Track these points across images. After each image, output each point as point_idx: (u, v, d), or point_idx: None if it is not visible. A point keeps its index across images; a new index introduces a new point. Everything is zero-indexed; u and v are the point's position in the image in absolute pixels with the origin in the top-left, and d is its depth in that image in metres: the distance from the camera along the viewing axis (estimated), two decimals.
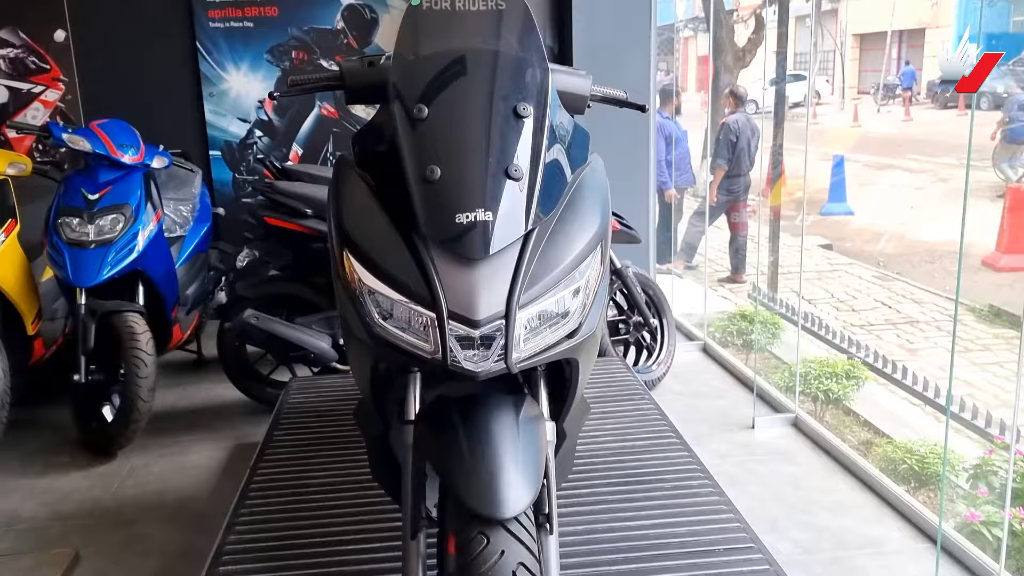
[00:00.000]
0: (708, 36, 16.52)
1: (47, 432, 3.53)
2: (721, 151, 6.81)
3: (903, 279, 7.35)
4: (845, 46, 27.49)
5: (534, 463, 1.40)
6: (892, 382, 4.15)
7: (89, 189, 3.34)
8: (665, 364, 3.69)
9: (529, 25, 1.63)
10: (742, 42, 12.91)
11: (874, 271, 7.71)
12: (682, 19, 11.79)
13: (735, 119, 6.95)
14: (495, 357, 1.38)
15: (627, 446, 2.55)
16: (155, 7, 4.78)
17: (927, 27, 26.32)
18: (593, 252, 1.51)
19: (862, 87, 27.58)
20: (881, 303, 6.65)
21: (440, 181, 1.42)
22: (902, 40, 27.50)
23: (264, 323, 3.32)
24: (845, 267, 7.84)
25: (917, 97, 23.25)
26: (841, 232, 9.51)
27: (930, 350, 5.54)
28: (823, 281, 7.27)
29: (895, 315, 6.31)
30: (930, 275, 7.65)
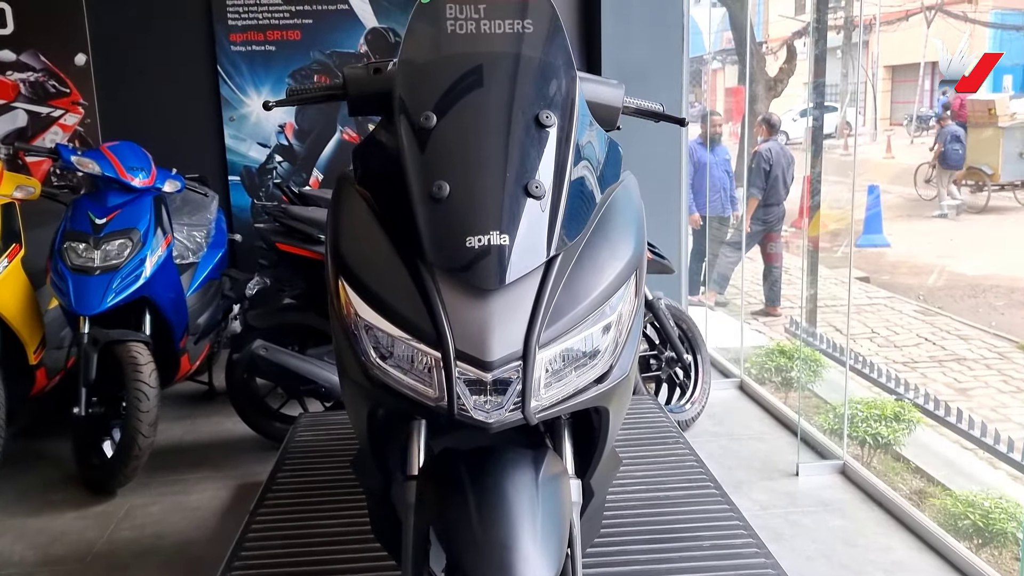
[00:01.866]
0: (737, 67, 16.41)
1: (46, 468, 3.37)
2: (754, 180, 6.61)
3: (946, 314, 7.04)
4: (876, 77, 27.18)
5: (556, 531, 1.18)
6: (945, 425, 3.86)
7: (97, 213, 3.21)
8: (700, 403, 3.46)
9: (555, 26, 1.43)
10: (773, 72, 12.77)
11: (915, 305, 7.40)
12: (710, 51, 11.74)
13: (767, 147, 6.75)
14: (510, 406, 1.17)
15: (660, 497, 2.31)
16: (177, 31, 4.69)
17: None
18: (626, 283, 1.29)
19: (894, 119, 27.22)
20: (924, 339, 6.35)
21: (449, 199, 1.22)
22: (935, 72, 27.17)
23: (273, 354, 3.16)
24: (884, 301, 7.54)
25: None
26: (877, 265, 9.23)
27: (980, 390, 5.23)
28: (862, 315, 6.97)
29: (940, 352, 6.01)
30: (974, 310, 7.34)
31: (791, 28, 15.51)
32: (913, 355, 5.95)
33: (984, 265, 8.71)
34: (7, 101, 4.67)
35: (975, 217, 11.07)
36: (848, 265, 3.74)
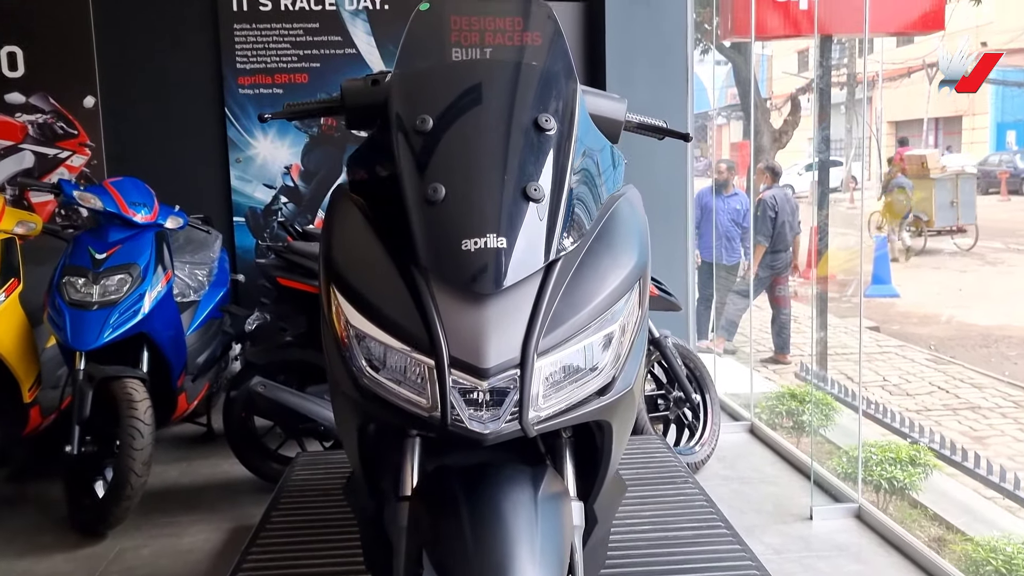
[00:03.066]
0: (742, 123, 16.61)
1: (36, 510, 3.27)
2: (760, 227, 6.59)
3: (959, 363, 6.93)
4: (880, 133, 27.43)
5: (556, 551, 1.10)
6: (961, 470, 3.74)
7: (97, 248, 3.18)
8: (709, 445, 3.36)
9: (556, 33, 1.40)
10: (778, 124, 12.89)
11: (927, 354, 7.30)
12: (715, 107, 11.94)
13: (771, 195, 6.76)
14: (507, 416, 1.11)
15: (669, 537, 2.21)
16: (186, 74, 4.74)
17: (963, 114, 26.24)
18: (629, 292, 1.23)
19: None
20: (937, 387, 6.23)
21: (444, 202, 1.18)
22: (938, 127, 27.39)
23: (272, 392, 3.08)
24: (895, 349, 7.44)
25: None
26: (887, 314, 9.15)
27: (997, 438, 5.10)
28: (873, 363, 6.87)
29: (954, 400, 5.89)
30: (986, 359, 7.23)
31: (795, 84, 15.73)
32: (926, 403, 5.84)
33: (996, 315, 8.64)
34: (15, 142, 4.69)
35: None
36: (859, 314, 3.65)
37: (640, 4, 4.38)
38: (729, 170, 7.15)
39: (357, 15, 4.72)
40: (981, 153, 24.23)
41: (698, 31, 8.60)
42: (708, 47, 10.47)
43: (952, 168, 12.95)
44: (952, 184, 12.03)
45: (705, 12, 7.84)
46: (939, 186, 12.05)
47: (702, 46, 10.22)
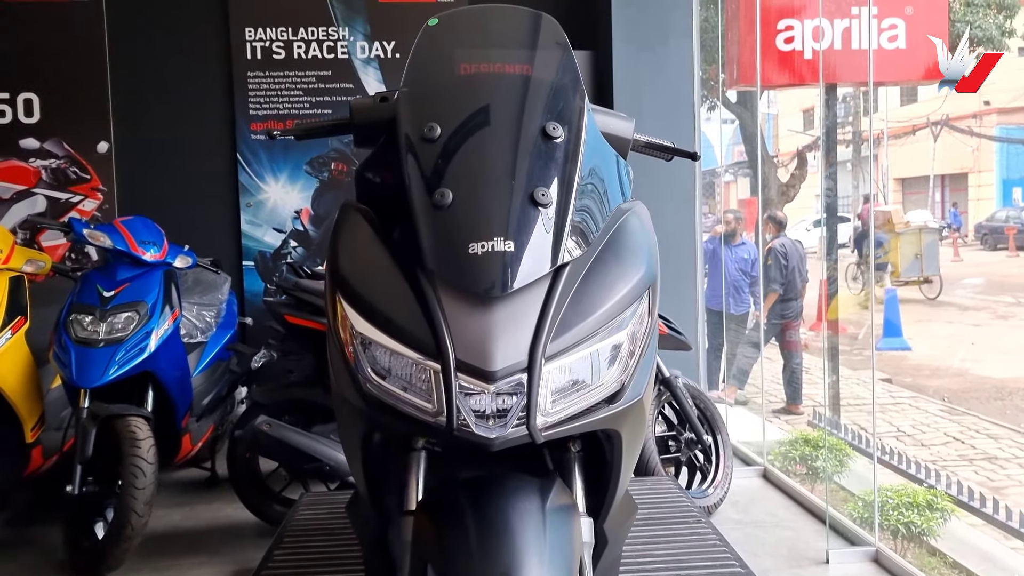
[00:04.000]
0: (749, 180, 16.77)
1: (36, 553, 3.20)
2: (773, 275, 6.59)
3: (973, 413, 6.83)
4: (887, 189, 27.60)
5: (565, 564, 1.06)
6: (980, 516, 3.65)
7: (105, 286, 3.18)
8: (722, 488, 3.28)
9: (563, 45, 1.40)
10: (785, 178, 13.00)
11: (940, 405, 7.20)
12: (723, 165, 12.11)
13: (780, 243, 6.79)
14: (514, 422, 1.08)
15: (683, 575, 2.14)
16: (199, 119, 4.81)
17: (969, 171, 26.42)
18: (639, 299, 1.22)
19: None
20: (952, 438, 6.12)
21: (452, 207, 1.17)
22: (944, 184, 27.56)
23: (277, 431, 3.03)
24: (909, 400, 7.34)
25: (964, 239, 23.11)
26: (899, 367, 9.07)
27: (1015, 488, 4.99)
28: (886, 414, 6.77)
29: (970, 451, 5.78)
30: (1001, 412, 7.13)
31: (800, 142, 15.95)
32: (941, 454, 5.73)
33: (1009, 368, 8.57)
34: (28, 187, 4.74)
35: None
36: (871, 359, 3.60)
37: (647, 51, 4.44)
38: (736, 220, 7.18)
39: (369, 63, 4.80)
40: (988, 209, 24.33)
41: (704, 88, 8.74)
42: (715, 103, 10.62)
43: (915, 223, 13.72)
44: (916, 238, 12.80)
45: (711, 69, 7.97)
46: (904, 240, 12.80)
47: (708, 103, 10.38)
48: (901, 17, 5.34)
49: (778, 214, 7.33)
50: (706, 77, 8.30)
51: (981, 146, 25.69)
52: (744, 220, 7.77)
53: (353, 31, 4.79)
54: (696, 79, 4.58)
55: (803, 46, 5.42)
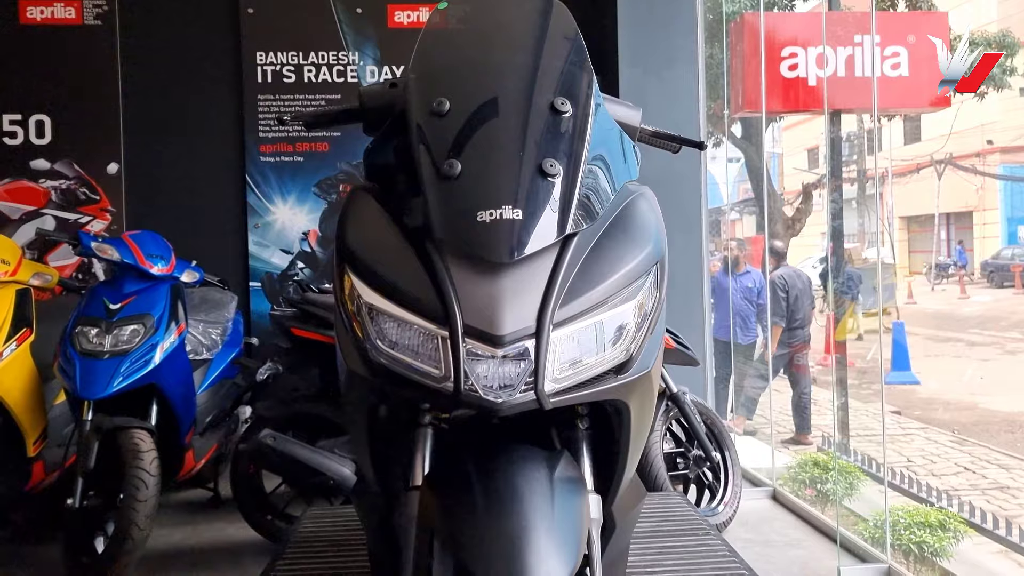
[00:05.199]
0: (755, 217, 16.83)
1: (35, 570, 3.16)
2: (775, 308, 6.56)
3: (984, 444, 6.76)
4: (892, 227, 27.68)
5: (572, 534, 1.04)
6: (994, 539, 3.59)
7: (112, 299, 3.17)
8: (731, 506, 3.23)
9: (572, 29, 1.42)
10: (791, 213, 13.05)
11: (950, 436, 7.13)
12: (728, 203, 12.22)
13: (780, 274, 6.77)
14: (522, 386, 1.07)
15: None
16: (209, 141, 4.86)
17: (974, 210, 26.49)
18: (648, 273, 1.21)
19: (913, 268, 27.46)
20: (963, 467, 6.05)
21: (460, 177, 1.17)
22: (950, 222, 27.62)
23: (281, 444, 2.99)
24: (919, 431, 7.28)
25: (971, 276, 23.11)
26: (908, 401, 9.02)
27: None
28: (896, 444, 6.71)
29: (981, 480, 5.70)
30: (1012, 444, 7.06)
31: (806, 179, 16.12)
32: (953, 483, 5.66)
33: (1019, 402, 8.53)
34: (37, 207, 4.77)
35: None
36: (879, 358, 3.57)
37: (653, 76, 4.48)
38: (740, 248, 7.18)
39: None
40: (993, 247, 24.35)
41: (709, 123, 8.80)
42: (720, 139, 10.69)
43: (872, 259, 14.06)
44: (873, 272, 13.97)
45: (716, 105, 8.04)
46: (864, 275, 14.10)
47: (714, 139, 10.45)
48: (904, 45, 5.40)
49: (776, 244, 7.32)
50: (711, 113, 8.37)
51: (985, 184, 25.79)
52: (750, 254, 7.77)
53: (363, 56, 4.85)
54: (702, 103, 4.62)
55: (807, 73, 5.47)
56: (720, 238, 12.15)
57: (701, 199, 4.39)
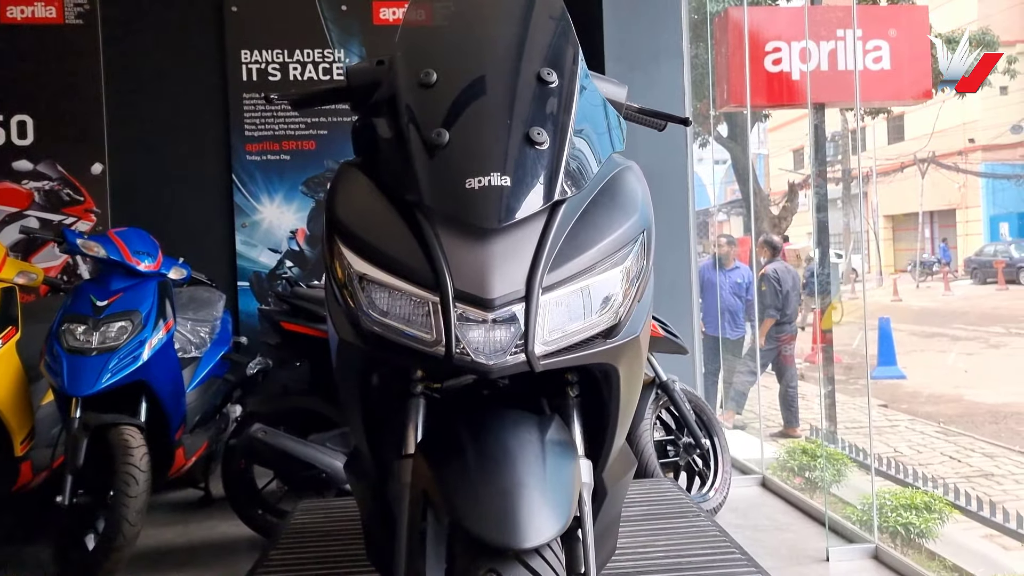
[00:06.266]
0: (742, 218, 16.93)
1: (23, 570, 3.14)
2: (769, 300, 6.62)
3: (969, 434, 6.84)
4: (877, 226, 27.88)
5: (564, 491, 1.07)
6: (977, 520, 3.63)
7: (98, 296, 3.16)
8: (721, 492, 3.26)
9: (560, 9, 1.44)
10: (777, 211, 13.14)
11: (936, 427, 7.20)
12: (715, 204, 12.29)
13: (773, 268, 6.83)
14: (512, 349, 1.09)
15: (683, 562, 2.12)
16: (194, 141, 4.84)
17: (957, 207, 26.73)
18: (635, 240, 1.23)
19: (898, 266, 27.68)
20: (949, 456, 6.12)
21: (449, 146, 1.19)
22: (933, 220, 27.86)
23: (273, 438, 3.01)
24: (906, 423, 7.35)
25: (955, 273, 23.32)
26: (895, 395, 9.11)
27: (1012, 503, 4.96)
28: (883, 436, 6.77)
29: (966, 468, 5.76)
30: (996, 435, 7.14)
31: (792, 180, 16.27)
32: (939, 472, 5.71)
33: (1002, 394, 8.63)
34: (20, 209, 4.75)
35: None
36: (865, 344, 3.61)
37: (639, 72, 4.51)
38: (729, 244, 7.22)
39: None
40: (976, 244, 24.57)
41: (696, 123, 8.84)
42: (706, 140, 10.75)
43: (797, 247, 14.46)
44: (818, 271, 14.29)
45: (701, 105, 8.08)
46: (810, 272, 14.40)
47: (700, 139, 10.50)
48: (885, 39, 5.45)
49: (773, 238, 7.40)
50: (696, 112, 8.42)
51: (968, 182, 26.02)
52: (737, 252, 7.82)
53: (349, 53, 4.86)
54: (687, 99, 4.65)
55: (790, 67, 5.52)
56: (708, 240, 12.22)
57: (688, 192, 4.42)
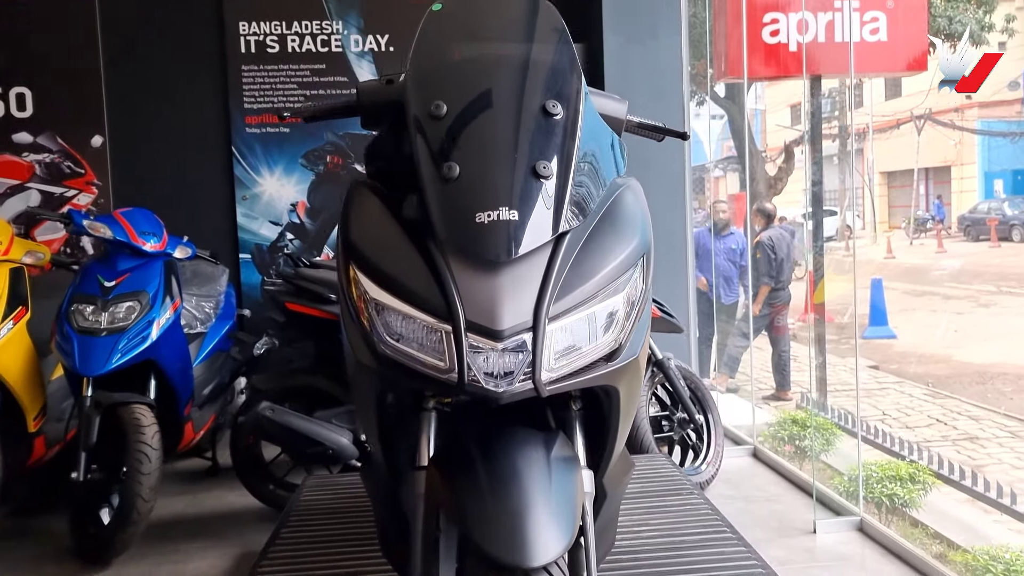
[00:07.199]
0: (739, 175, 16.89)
1: (39, 542, 3.23)
2: (764, 268, 6.70)
3: (956, 397, 6.98)
4: (873, 182, 27.84)
5: (568, 508, 1.15)
6: (960, 489, 3.78)
7: (106, 276, 3.22)
8: (714, 465, 3.38)
9: (560, 29, 1.49)
10: (773, 172, 13.13)
11: (924, 389, 7.35)
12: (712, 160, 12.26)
13: (768, 235, 6.89)
14: (521, 376, 1.17)
15: (677, 541, 2.24)
16: (194, 113, 4.85)
17: (952, 164, 26.67)
18: (635, 265, 1.31)
19: (893, 222, 27.71)
20: (935, 420, 6.27)
21: (459, 179, 1.26)
22: (928, 177, 27.80)
23: (280, 416, 3.09)
24: (894, 385, 7.49)
25: (948, 231, 23.36)
26: (885, 355, 9.24)
27: (994, 466, 5.13)
28: (872, 398, 6.92)
29: (952, 432, 5.92)
30: (983, 395, 7.28)
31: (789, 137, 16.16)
32: (925, 435, 5.87)
33: (991, 354, 8.75)
34: (21, 181, 4.77)
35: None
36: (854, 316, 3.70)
37: (637, 44, 4.53)
38: (725, 211, 7.28)
39: (363, 56, 4.86)
40: (971, 202, 24.57)
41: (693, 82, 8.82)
42: (703, 98, 10.72)
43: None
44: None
45: (699, 64, 8.06)
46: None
47: (698, 97, 10.48)
48: (883, 10, 5.45)
49: (767, 205, 7.44)
50: (694, 72, 8.40)
51: (963, 139, 25.92)
52: (734, 212, 7.86)
53: (347, 25, 4.85)
54: (685, 71, 4.67)
55: (788, 39, 5.53)
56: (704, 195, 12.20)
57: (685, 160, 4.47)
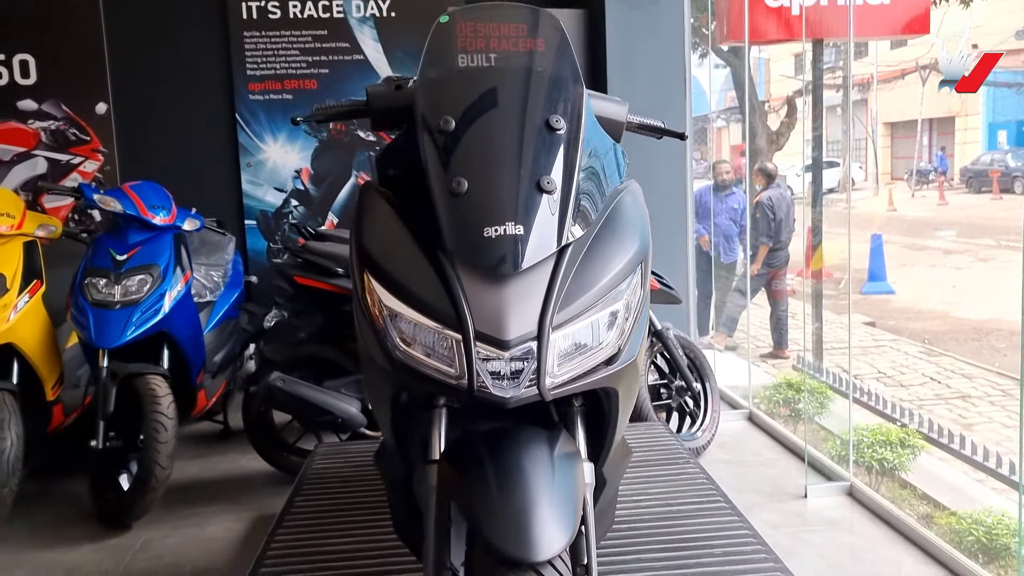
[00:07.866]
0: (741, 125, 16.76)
1: (61, 505, 3.36)
2: (762, 228, 6.75)
3: (951, 355, 7.09)
4: (876, 134, 27.64)
5: (571, 503, 1.25)
6: (949, 452, 3.90)
7: (118, 250, 3.30)
8: (710, 431, 3.50)
9: (563, 42, 1.55)
10: (775, 126, 13.05)
11: (920, 347, 7.46)
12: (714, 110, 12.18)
13: (768, 195, 6.92)
14: (526, 382, 1.26)
15: (672, 510, 2.35)
16: (197, 80, 4.87)
17: (956, 115, 26.45)
18: (633, 273, 1.40)
19: (895, 174, 27.58)
20: (930, 378, 6.39)
21: (467, 194, 1.33)
22: (932, 128, 27.60)
23: (291, 386, 3.19)
24: (890, 343, 7.60)
25: (951, 182, 23.27)
26: (883, 311, 9.31)
27: (984, 425, 5.26)
28: (868, 357, 7.02)
29: (945, 390, 6.04)
30: (978, 352, 7.38)
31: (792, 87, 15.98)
32: (919, 393, 5.99)
33: (987, 310, 8.81)
34: (27, 149, 4.82)
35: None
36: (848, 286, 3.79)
37: (638, 10, 4.53)
38: (727, 172, 7.30)
39: (364, 22, 4.86)
40: (974, 153, 24.42)
41: (696, 35, 8.74)
42: (706, 51, 10.62)
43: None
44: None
45: (702, 16, 8.00)
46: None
47: (700, 50, 10.39)
48: None
49: (768, 165, 7.44)
50: (697, 25, 8.34)
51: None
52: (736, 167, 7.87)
53: None
54: (686, 35, 4.67)
55: (790, 2, 5.50)
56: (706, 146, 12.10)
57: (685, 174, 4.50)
